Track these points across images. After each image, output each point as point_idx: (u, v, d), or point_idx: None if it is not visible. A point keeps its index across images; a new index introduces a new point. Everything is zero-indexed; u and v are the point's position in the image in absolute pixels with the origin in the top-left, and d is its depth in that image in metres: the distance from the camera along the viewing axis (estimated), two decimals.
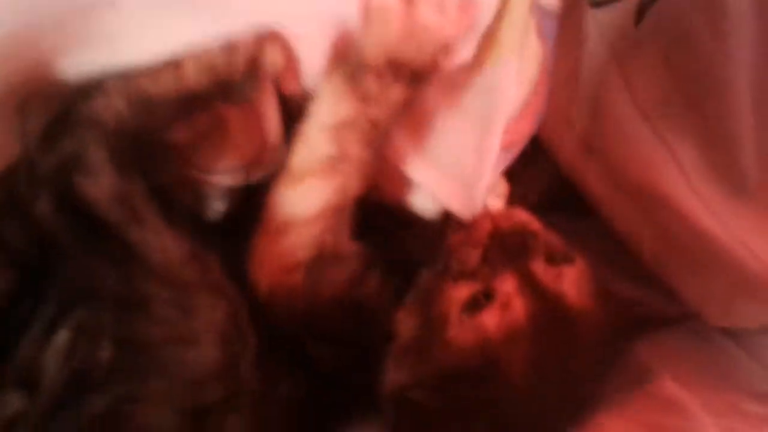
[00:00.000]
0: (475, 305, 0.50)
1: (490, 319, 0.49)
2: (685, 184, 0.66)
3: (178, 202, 0.49)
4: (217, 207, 0.56)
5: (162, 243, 0.45)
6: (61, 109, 0.44)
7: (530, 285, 0.51)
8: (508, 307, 0.50)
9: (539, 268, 0.52)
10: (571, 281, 0.53)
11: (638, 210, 0.68)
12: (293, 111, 0.55)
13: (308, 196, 0.50)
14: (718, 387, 0.65)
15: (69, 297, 0.44)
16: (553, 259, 0.53)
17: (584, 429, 0.53)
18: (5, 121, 0.44)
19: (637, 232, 0.68)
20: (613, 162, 0.69)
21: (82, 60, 0.44)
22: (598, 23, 0.67)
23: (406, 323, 0.52)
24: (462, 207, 0.60)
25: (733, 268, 0.65)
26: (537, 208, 0.59)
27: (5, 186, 0.45)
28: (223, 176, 0.55)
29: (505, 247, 0.53)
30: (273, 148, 0.56)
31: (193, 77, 0.46)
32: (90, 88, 0.45)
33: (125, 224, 0.44)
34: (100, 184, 0.44)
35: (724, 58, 0.64)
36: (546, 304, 0.51)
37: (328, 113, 0.50)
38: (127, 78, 0.45)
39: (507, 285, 0.51)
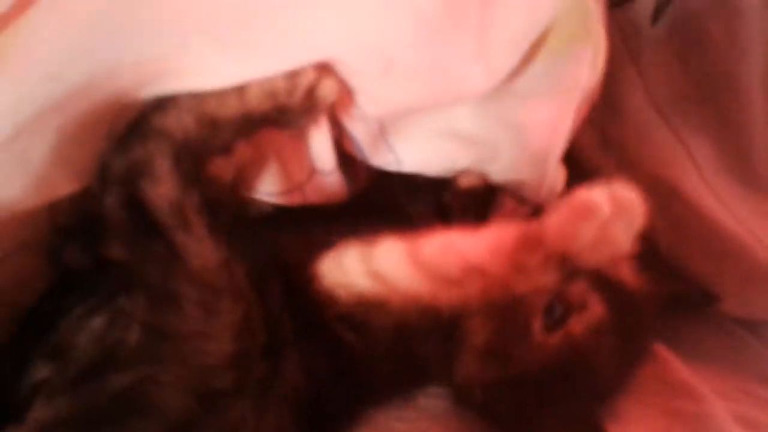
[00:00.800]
0: (557, 319, 0.51)
1: (575, 325, 0.51)
2: (697, 176, 0.68)
3: (224, 210, 0.51)
4: (263, 209, 0.59)
5: (202, 250, 0.48)
6: (137, 118, 0.47)
7: (598, 279, 0.52)
8: (586, 307, 0.51)
9: None
10: (625, 264, 0.54)
11: (653, 202, 0.69)
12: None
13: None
14: (731, 373, 0.67)
15: (111, 289, 0.48)
16: None
17: (606, 415, 0.55)
18: (92, 146, 0.47)
19: (652, 225, 0.69)
20: (629, 156, 0.70)
21: (157, 92, 0.47)
22: (616, 22, 0.68)
23: (478, 327, 0.52)
24: (534, 186, 0.62)
25: (744, 259, 0.67)
26: None
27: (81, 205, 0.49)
28: (268, 196, 0.57)
29: None
30: (323, 173, 0.58)
31: (255, 102, 0.48)
32: (164, 103, 0.47)
33: (175, 228, 0.47)
34: (161, 189, 0.47)
35: (737, 56, 0.65)
36: (614, 294, 0.52)
37: None
38: (197, 97, 0.47)
39: (579, 285, 0.52)
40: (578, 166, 0.71)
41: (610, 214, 0.48)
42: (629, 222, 0.48)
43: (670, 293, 0.60)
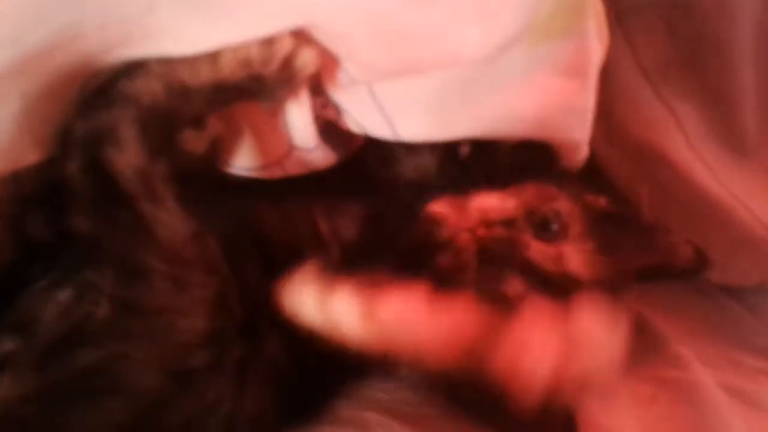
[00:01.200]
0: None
1: None
2: (685, 143, 0.68)
3: (196, 182, 0.50)
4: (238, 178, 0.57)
5: (171, 221, 0.47)
6: (103, 83, 0.46)
7: (536, 277, 0.50)
8: None
9: (536, 253, 0.52)
10: (572, 257, 0.52)
11: (639, 169, 0.69)
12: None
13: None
14: (717, 342, 0.68)
15: (77, 261, 0.47)
16: (543, 236, 0.53)
17: None
18: (58, 113, 0.46)
19: (637, 191, 0.69)
20: (617, 122, 0.69)
21: (125, 56, 0.45)
22: None
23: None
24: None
25: (731, 226, 0.67)
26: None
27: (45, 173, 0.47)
28: (245, 171, 0.56)
29: (493, 252, 0.51)
30: (304, 150, 0.56)
31: (228, 70, 0.47)
32: (133, 69, 0.46)
33: (141, 198, 0.46)
34: (126, 157, 0.45)
35: (726, 21, 0.65)
36: (564, 288, 0.50)
37: None
38: (167, 64, 0.46)
39: (516, 287, 0.50)
40: None
41: (565, 359, 0.43)
42: (592, 362, 0.44)
43: (652, 265, 0.59)
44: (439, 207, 0.53)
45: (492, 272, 0.50)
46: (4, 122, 0.43)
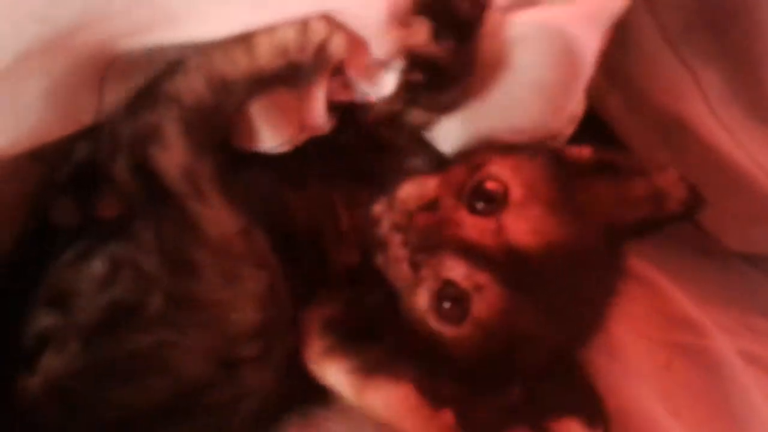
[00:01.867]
0: (459, 310, 0.48)
1: (478, 311, 0.47)
2: (707, 110, 0.67)
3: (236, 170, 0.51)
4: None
5: (218, 217, 0.48)
6: (146, 83, 0.46)
7: (477, 256, 0.47)
8: (482, 289, 0.47)
9: (472, 230, 0.48)
10: (515, 227, 0.48)
11: (659, 136, 0.68)
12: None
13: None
14: (735, 308, 0.68)
15: (104, 232, 0.48)
16: (477, 210, 0.49)
17: (605, 354, 0.55)
18: (84, 91, 0.46)
19: (657, 158, 0.68)
20: (637, 89, 0.68)
21: (149, 39, 0.45)
22: None
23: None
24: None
25: (753, 194, 0.67)
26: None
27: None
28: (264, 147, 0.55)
29: (424, 236, 0.49)
30: (315, 128, 0.55)
31: (265, 59, 0.46)
32: (173, 66, 0.46)
33: (187, 196, 0.47)
34: (171, 156, 0.46)
35: None
36: (511, 263, 0.47)
37: None
38: (206, 56, 0.46)
39: (457, 270, 0.47)
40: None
41: None
42: None
43: (644, 217, 0.53)
44: (378, 207, 0.51)
45: (427, 261, 0.48)
46: (30, 99, 0.44)
